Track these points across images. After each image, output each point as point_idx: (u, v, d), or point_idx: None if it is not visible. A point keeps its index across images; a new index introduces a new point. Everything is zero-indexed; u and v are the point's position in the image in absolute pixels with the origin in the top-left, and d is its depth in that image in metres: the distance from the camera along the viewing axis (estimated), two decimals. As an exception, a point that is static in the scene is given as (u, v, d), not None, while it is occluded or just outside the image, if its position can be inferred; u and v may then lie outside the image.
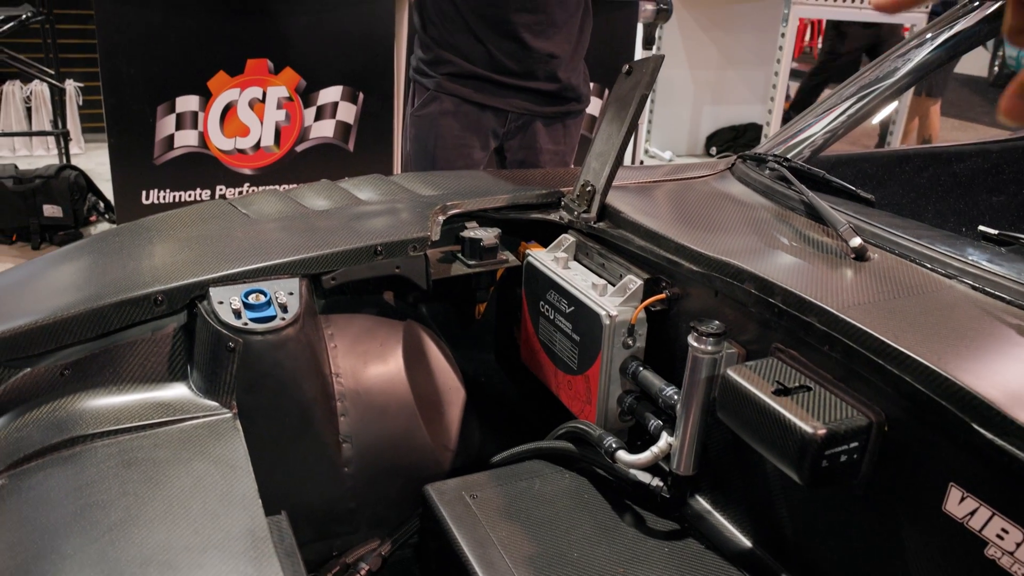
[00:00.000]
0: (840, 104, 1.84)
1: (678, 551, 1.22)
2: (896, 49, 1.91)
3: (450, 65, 2.01)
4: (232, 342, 1.20)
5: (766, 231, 1.37)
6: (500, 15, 1.96)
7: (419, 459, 1.41)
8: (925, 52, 1.81)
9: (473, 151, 2.06)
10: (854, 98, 1.84)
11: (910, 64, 1.85)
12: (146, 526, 0.97)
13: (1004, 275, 1.12)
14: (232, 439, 1.14)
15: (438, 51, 2.01)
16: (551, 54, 2.04)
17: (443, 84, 2.01)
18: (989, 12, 1.82)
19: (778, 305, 1.10)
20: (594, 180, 1.54)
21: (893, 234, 1.27)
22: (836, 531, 1.08)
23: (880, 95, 1.83)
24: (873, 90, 1.84)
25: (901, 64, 1.86)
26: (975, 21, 1.78)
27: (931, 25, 1.87)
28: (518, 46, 1.99)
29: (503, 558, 1.18)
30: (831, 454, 0.96)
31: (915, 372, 0.92)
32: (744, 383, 1.04)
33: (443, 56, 2.02)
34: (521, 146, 2.12)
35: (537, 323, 1.53)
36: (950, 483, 0.90)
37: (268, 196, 1.59)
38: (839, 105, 1.84)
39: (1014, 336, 1.01)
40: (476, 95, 2.00)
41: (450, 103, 2.01)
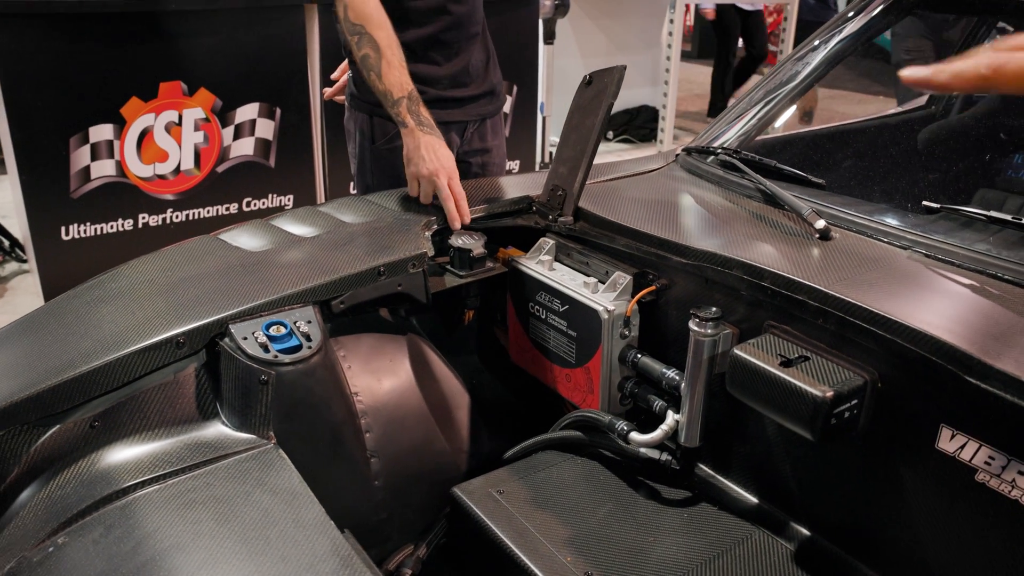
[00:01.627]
0: (765, 95, 2.01)
1: (695, 516, 1.36)
2: (809, 42, 2.09)
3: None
4: (264, 375, 1.25)
5: (734, 220, 1.51)
6: (451, 40, 2.04)
7: (439, 464, 1.49)
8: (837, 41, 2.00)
9: None
10: (777, 89, 2.01)
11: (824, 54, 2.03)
12: (234, 562, 1.01)
13: (950, 243, 1.30)
14: (283, 468, 1.19)
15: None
16: (484, 59, 2.15)
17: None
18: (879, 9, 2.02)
19: (770, 287, 1.24)
20: (564, 184, 1.65)
21: (848, 214, 1.43)
22: (837, 479, 1.24)
23: (800, 84, 2.01)
24: (793, 80, 2.01)
25: (815, 55, 2.04)
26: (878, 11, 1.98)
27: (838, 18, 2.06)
28: (467, 64, 2.09)
29: (543, 543, 1.28)
30: (838, 412, 1.10)
31: (904, 334, 1.07)
32: (752, 359, 1.17)
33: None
34: (477, 149, 2.21)
35: (527, 324, 1.63)
36: (940, 424, 1.06)
37: (253, 227, 1.63)
38: (765, 96, 2.01)
39: (972, 296, 1.19)
40: (443, 115, 2.06)
41: None
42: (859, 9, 2.01)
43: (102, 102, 3.21)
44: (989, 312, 1.13)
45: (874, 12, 1.98)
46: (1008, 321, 1.10)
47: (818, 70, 2.03)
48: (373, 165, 2.15)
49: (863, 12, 2.00)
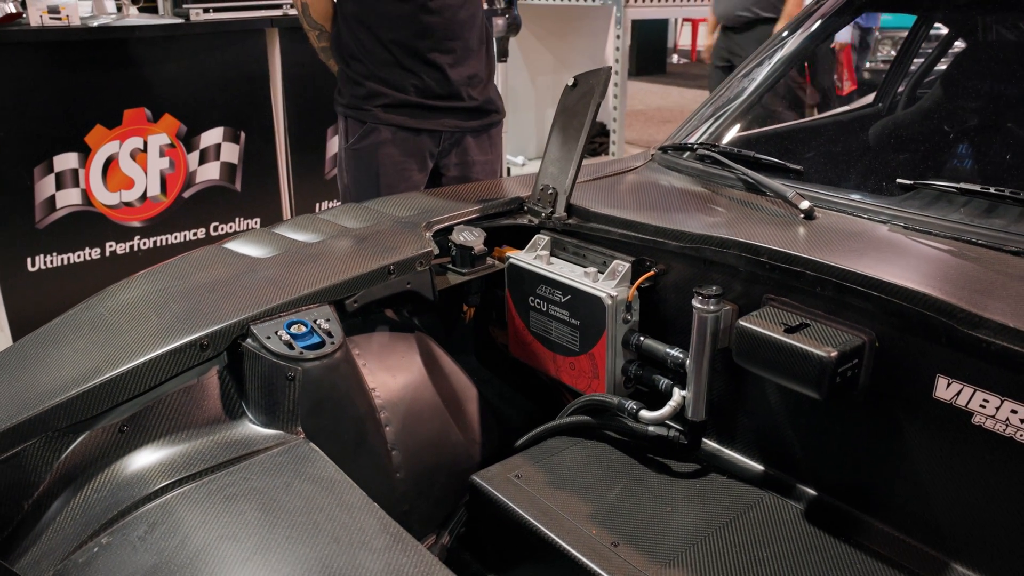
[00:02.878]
0: (730, 95, 2.12)
1: (706, 485, 1.43)
2: (770, 42, 2.22)
3: (383, 97, 2.16)
4: (291, 372, 1.29)
5: (721, 207, 1.60)
6: (423, 48, 2.13)
7: (455, 455, 1.54)
8: (798, 41, 2.12)
9: (413, 174, 2.21)
10: (742, 89, 2.13)
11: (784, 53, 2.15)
12: (287, 547, 1.04)
13: (926, 215, 1.40)
14: (317, 459, 1.23)
15: (370, 85, 2.16)
16: (471, 75, 2.23)
17: (379, 115, 2.15)
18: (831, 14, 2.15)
19: (767, 262, 1.32)
20: (554, 183, 1.73)
21: (828, 195, 1.54)
22: (841, 439, 1.32)
23: (763, 84, 2.13)
24: (756, 80, 2.13)
25: (776, 55, 2.16)
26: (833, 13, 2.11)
27: (798, 19, 2.19)
28: (441, 75, 2.17)
29: (567, 519, 1.34)
30: (841, 371, 1.19)
31: (898, 294, 1.16)
32: (758, 328, 1.26)
33: (375, 89, 2.16)
34: (456, 162, 2.29)
35: (528, 317, 1.69)
36: (936, 374, 1.15)
37: (258, 236, 1.66)
38: (731, 96, 2.12)
39: (952, 259, 1.29)
40: (411, 121, 2.15)
41: (388, 132, 2.16)
42: (813, 10, 2.14)
43: (66, 131, 3.19)
44: (970, 272, 1.23)
45: (829, 13, 2.11)
46: (988, 279, 1.20)
47: (779, 69, 2.15)
48: (347, 165, 2.24)
49: (818, 13, 2.13)
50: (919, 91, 2.62)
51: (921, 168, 1.68)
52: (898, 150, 1.97)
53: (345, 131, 2.21)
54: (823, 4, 2.16)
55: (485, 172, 2.29)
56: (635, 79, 10.69)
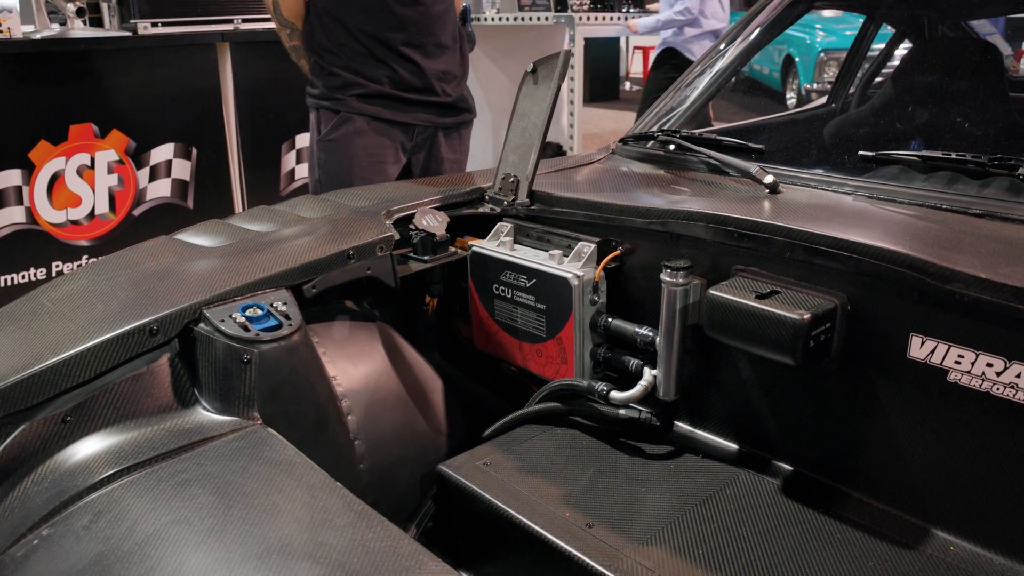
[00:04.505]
0: (687, 91, 2.13)
1: (680, 466, 1.39)
2: (721, 40, 2.23)
3: (358, 87, 2.15)
4: (247, 354, 1.23)
5: (685, 186, 1.58)
6: (396, 41, 2.13)
7: (421, 446, 1.48)
8: (742, 44, 2.13)
9: (387, 165, 2.19)
10: (696, 84, 2.13)
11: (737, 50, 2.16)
12: (244, 528, 0.98)
13: (889, 184, 1.40)
14: (276, 442, 1.17)
15: (345, 75, 2.15)
16: (444, 71, 2.22)
17: (353, 105, 2.14)
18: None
19: (735, 230, 1.30)
20: (515, 171, 1.70)
21: (790, 171, 1.53)
22: (815, 410, 1.30)
23: (717, 78, 2.13)
24: (708, 74, 2.14)
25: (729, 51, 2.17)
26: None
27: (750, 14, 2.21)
28: (415, 67, 2.17)
29: (540, 503, 1.29)
30: (815, 335, 1.17)
31: (869, 253, 1.15)
32: (729, 296, 1.23)
33: (350, 79, 2.16)
34: (425, 157, 2.27)
35: (492, 307, 1.65)
36: (910, 333, 1.14)
37: (211, 227, 1.60)
38: (684, 92, 2.12)
39: (918, 222, 1.29)
40: (385, 112, 2.14)
41: (362, 122, 2.14)
42: (764, 5, 2.16)
43: (9, 147, 3.09)
44: (937, 232, 1.23)
45: (781, 7, 2.13)
46: (955, 237, 1.19)
47: (732, 65, 2.16)
48: (319, 158, 2.21)
49: (770, 6, 2.15)
50: (869, 91, 2.67)
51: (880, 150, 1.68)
52: (848, 139, 1.99)
53: (317, 123, 2.19)
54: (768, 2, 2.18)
55: (453, 170, 2.28)
56: (589, 105, 10.79)
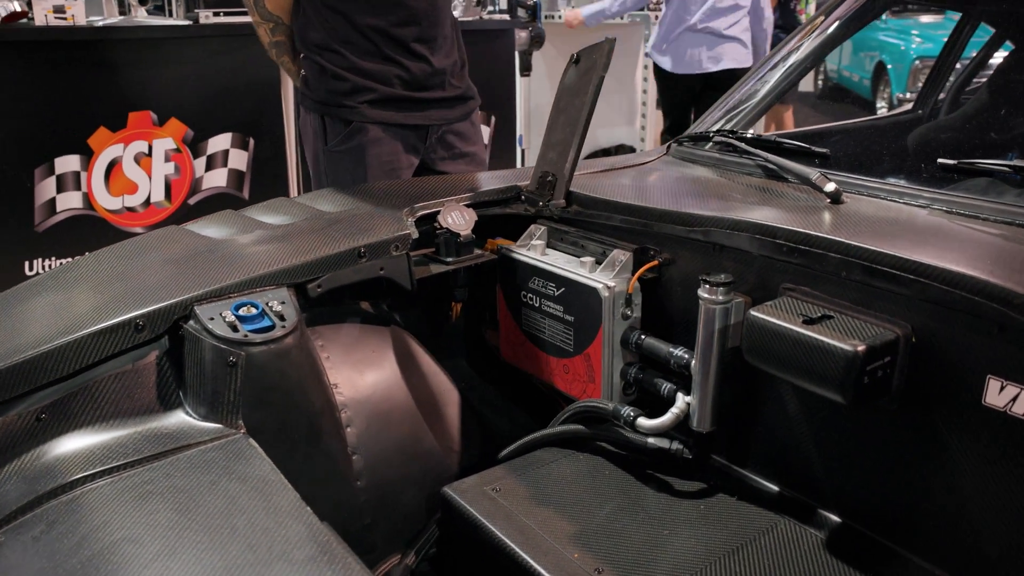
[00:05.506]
0: (752, 89, 1.95)
1: (712, 507, 1.23)
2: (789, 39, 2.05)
3: (369, 92, 1.96)
4: (233, 356, 1.13)
5: (737, 192, 1.42)
6: (407, 36, 1.96)
7: (428, 464, 1.36)
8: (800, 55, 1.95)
9: (401, 171, 2.04)
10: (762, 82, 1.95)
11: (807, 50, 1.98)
12: (192, 552, 0.88)
13: (972, 198, 1.21)
14: (252, 456, 1.06)
15: (353, 78, 1.96)
16: (453, 62, 2.07)
17: (367, 113, 1.95)
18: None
19: (785, 244, 1.14)
20: (554, 169, 1.56)
21: (858, 179, 1.35)
22: (870, 455, 1.12)
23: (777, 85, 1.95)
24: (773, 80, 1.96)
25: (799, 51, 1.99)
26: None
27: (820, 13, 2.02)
28: (426, 64, 2.00)
29: (547, 540, 1.15)
30: (870, 369, 1.00)
31: (941, 278, 0.97)
32: (772, 319, 1.07)
33: (359, 84, 1.96)
34: (445, 155, 2.12)
35: (520, 315, 1.52)
36: (987, 375, 0.95)
37: (223, 217, 1.52)
38: (749, 88, 1.94)
39: (1004, 243, 1.10)
40: (400, 117, 1.97)
41: (376, 130, 1.96)
42: (835, 6, 1.96)
43: (69, 132, 3.10)
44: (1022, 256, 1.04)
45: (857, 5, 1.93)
46: (1049, 263, 1.00)
47: (803, 64, 1.98)
48: (327, 168, 2.04)
49: (844, 4, 1.96)
50: (962, 97, 2.43)
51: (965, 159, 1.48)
52: (933, 147, 1.78)
53: (323, 131, 1.99)
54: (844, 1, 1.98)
55: (474, 162, 2.12)
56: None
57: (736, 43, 4.26)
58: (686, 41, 4.24)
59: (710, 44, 4.22)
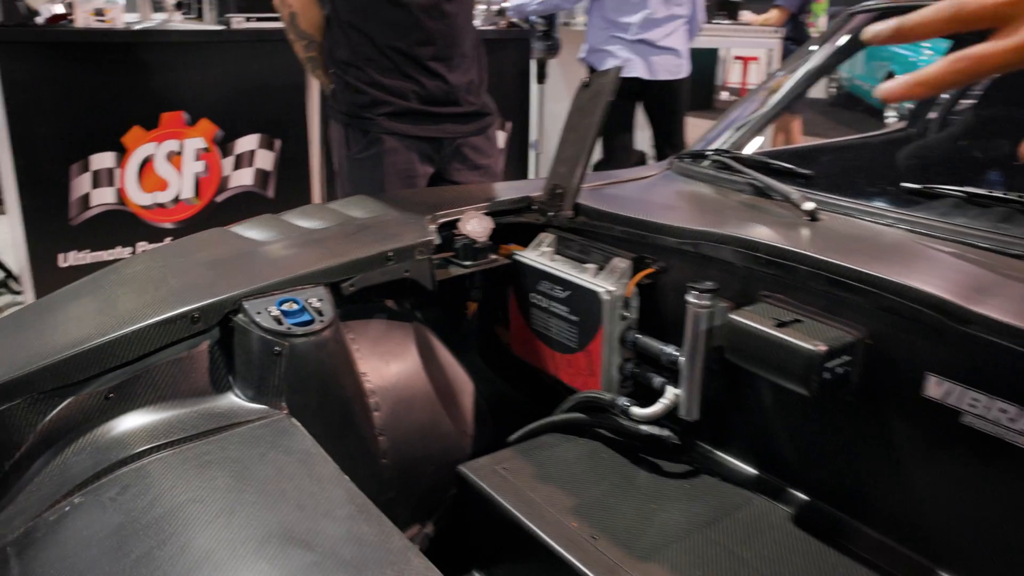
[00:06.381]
0: (744, 114, 2.11)
1: (695, 486, 1.40)
2: (793, 57, 2.20)
3: (387, 105, 2.15)
4: (278, 346, 1.29)
5: (726, 208, 1.58)
6: (425, 55, 2.13)
7: (445, 445, 1.52)
8: (801, 73, 2.10)
9: (417, 179, 2.21)
10: (754, 109, 2.11)
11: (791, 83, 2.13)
12: (251, 511, 1.04)
13: (931, 219, 1.37)
14: (297, 433, 1.22)
15: (372, 93, 2.14)
16: (469, 81, 2.23)
17: (383, 124, 2.14)
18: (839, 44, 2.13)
19: (763, 256, 1.30)
20: (563, 183, 1.72)
21: (835, 199, 1.51)
22: (832, 442, 1.28)
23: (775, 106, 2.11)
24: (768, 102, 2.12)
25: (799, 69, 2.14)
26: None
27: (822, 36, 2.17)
28: (442, 81, 2.17)
29: (548, 511, 1.32)
30: (830, 367, 1.16)
31: (890, 289, 1.13)
32: (749, 323, 1.23)
33: (378, 97, 2.15)
34: (458, 167, 2.29)
35: (529, 315, 1.68)
36: (926, 372, 1.11)
37: (264, 221, 1.68)
38: (741, 117, 2.10)
39: (952, 260, 1.25)
40: (414, 129, 2.15)
41: (392, 141, 2.15)
42: (840, 24, 2.12)
43: (104, 130, 3.28)
44: (969, 271, 1.20)
45: (854, 26, 2.09)
46: (987, 278, 1.16)
47: (803, 83, 2.13)
48: (349, 174, 2.22)
49: (845, 27, 2.11)
50: (950, 117, 2.58)
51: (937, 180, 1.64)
52: (918, 166, 1.93)
53: (346, 140, 2.19)
54: (853, 19, 2.13)
55: (488, 174, 2.29)
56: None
57: (671, 54, 4.21)
58: (619, 51, 4.20)
59: (644, 55, 4.17)
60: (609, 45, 4.19)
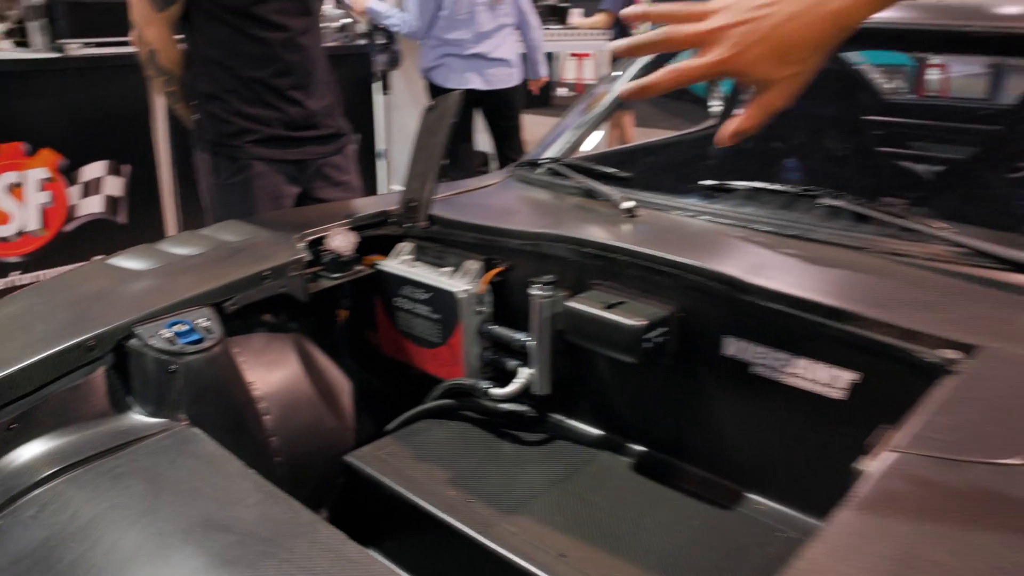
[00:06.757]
0: (574, 122, 2.38)
1: (552, 450, 1.64)
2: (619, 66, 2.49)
3: (253, 133, 2.30)
4: (174, 364, 1.43)
5: (561, 211, 1.83)
6: (283, 85, 2.30)
7: (331, 440, 1.70)
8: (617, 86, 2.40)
9: (284, 199, 2.37)
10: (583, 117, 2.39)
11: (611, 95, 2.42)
12: (171, 509, 1.17)
13: (725, 209, 1.67)
14: (200, 439, 1.37)
15: (238, 122, 2.29)
16: (326, 105, 2.42)
17: (251, 151, 2.29)
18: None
19: (592, 251, 1.56)
20: (417, 196, 1.92)
21: (648, 198, 1.79)
22: (658, 399, 1.56)
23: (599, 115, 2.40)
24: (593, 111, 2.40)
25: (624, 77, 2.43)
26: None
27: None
28: (301, 108, 2.34)
29: (429, 485, 1.52)
30: (649, 337, 1.42)
31: (690, 270, 1.41)
32: (583, 307, 1.48)
33: (245, 126, 2.30)
34: (323, 185, 2.46)
35: (395, 317, 1.88)
36: (723, 335, 1.40)
37: (140, 251, 1.78)
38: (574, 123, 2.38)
39: (739, 243, 1.55)
40: (279, 153, 2.31)
41: (260, 166, 2.31)
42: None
43: (-61, 167, 3.20)
44: (753, 251, 1.50)
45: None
46: (767, 256, 1.47)
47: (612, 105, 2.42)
48: (220, 199, 2.35)
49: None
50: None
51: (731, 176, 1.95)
52: (716, 164, 2.27)
53: (214, 167, 2.32)
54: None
55: (348, 190, 2.48)
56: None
57: (503, 65, 4.46)
58: (455, 65, 4.44)
59: (479, 68, 4.42)
60: (445, 60, 4.41)
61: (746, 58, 0.96)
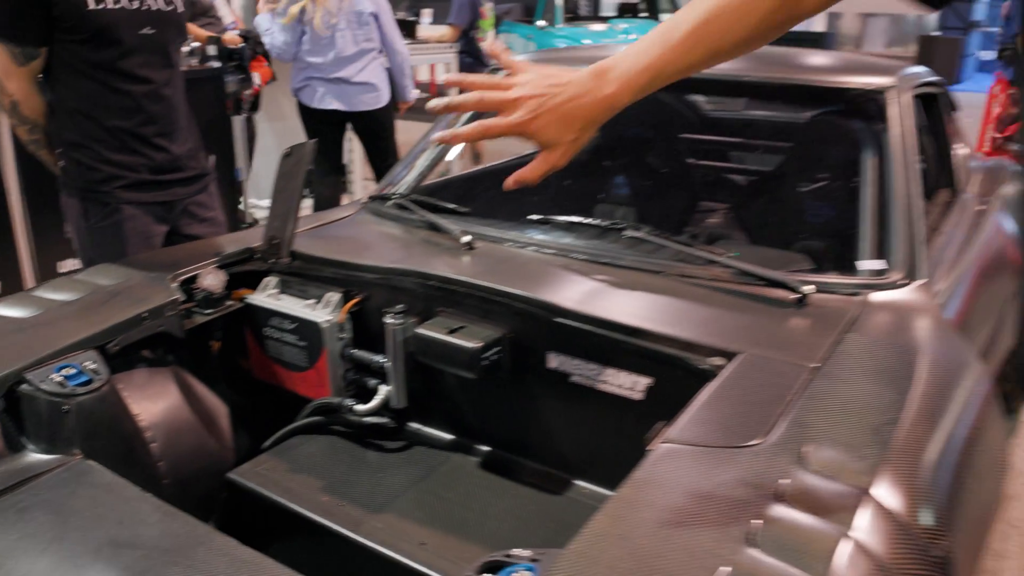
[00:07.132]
0: (423, 151, 2.65)
1: (411, 456, 1.91)
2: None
3: (121, 179, 2.42)
4: (66, 405, 1.59)
5: (409, 245, 2.10)
6: (148, 133, 2.45)
7: (213, 460, 1.90)
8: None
9: (154, 239, 2.52)
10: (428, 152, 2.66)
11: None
12: (78, 534, 1.33)
13: (550, 241, 1.99)
14: (96, 470, 1.53)
15: (107, 169, 2.40)
16: (189, 149, 2.58)
17: (120, 195, 2.41)
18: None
19: (436, 284, 1.83)
20: (279, 234, 2.14)
21: (485, 231, 2.08)
22: (498, 406, 1.86)
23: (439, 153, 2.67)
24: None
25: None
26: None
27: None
28: (166, 153, 2.50)
29: (305, 493, 1.76)
30: (486, 356, 1.71)
31: (515, 298, 1.71)
32: (429, 332, 1.76)
33: (112, 173, 2.41)
34: (190, 222, 2.62)
35: (265, 345, 2.09)
36: (547, 352, 1.71)
37: (19, 299, 1.91)
38: (423, 153, 2.64)
39: (559, 271, 1.87)
40: (147, 196, 2.45)
41: (130, 209, 2.43)
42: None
43: None
44: (570, 278, 1.81)
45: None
46: (582, 281, 1.79)
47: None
48: (91, 241, 2.47)
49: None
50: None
51: (572, 205, 2.28)
52: (557, 190, 2.59)
53: (84, 212, 2.41)
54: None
55: (214, 224, 2.64)
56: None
57: (367, 88, 4.62)
58: (318, 88, 4.60)
59: (340, 92, 4.58)
60: (310, 83, 4.57)
61: (537, 124, 1.25)
